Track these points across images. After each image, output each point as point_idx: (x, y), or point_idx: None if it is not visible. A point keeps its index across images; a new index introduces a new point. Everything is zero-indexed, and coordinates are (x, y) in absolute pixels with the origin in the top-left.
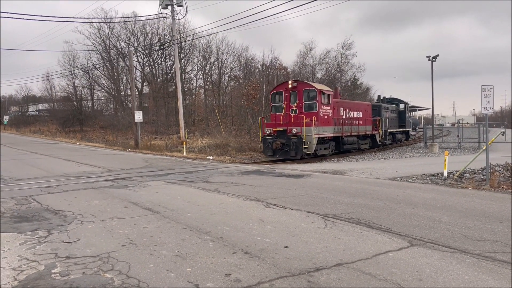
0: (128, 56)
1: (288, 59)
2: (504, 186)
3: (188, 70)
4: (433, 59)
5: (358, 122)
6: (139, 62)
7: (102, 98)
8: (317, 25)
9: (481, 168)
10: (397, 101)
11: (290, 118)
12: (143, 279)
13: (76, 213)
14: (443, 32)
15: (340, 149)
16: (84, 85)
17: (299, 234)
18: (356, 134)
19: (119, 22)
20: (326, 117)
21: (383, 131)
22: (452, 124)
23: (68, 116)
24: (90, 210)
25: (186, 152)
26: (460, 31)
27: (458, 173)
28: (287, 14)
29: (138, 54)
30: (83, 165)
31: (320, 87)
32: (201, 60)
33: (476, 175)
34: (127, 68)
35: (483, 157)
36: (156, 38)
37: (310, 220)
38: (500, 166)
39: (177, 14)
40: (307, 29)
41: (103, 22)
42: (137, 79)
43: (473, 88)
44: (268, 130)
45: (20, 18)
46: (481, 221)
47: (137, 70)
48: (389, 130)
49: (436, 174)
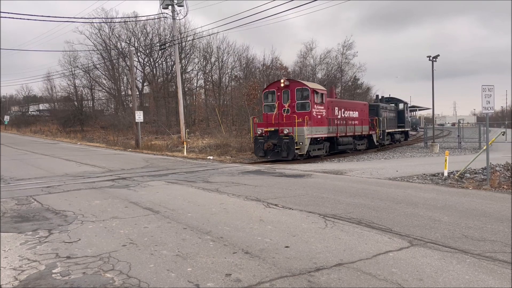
0: (129, 56)
1: (289, 59)
2: (505, 186)
3: (189, 70)
4: (434, 59)
5: (354, 122)
6: (140, 62)
7: (103, 98)
8: (318, 25)
9: (482, 168)
10: (396, 101)
11: (282, 118)
12: (144, 279)
13: (77, 213)
14: (444, 32)
15: (335, 150)
16: (85, 85)
17: (300, 234)
18: (352, 135)
19: (120, 22)
20: (320, 117)
21: (381, 131)
22: (453, 124)
23: (69, 116)
24: (91, 210)
25: (187, 152)
26: (461, 31)
27: (459, 173)
28: (288, 14)
29: (139, 54)
30: (84, 165)
31: (313, 86)
32: (202, 60)
33: (477, 175)
34: (128, 68)
35: (484, 157)
36: (157, 38)
37: (311, 220)
38: (501, 166)
39: (178, 14)
40: (308, 29)
41: (104, 22)
42: (138, 79)
43: (474, 88)
44: (260, 130)
45: (21, 18)
46: (482, 221)
47: (138, 70)
48: (387, 130)
49: (437, 174)
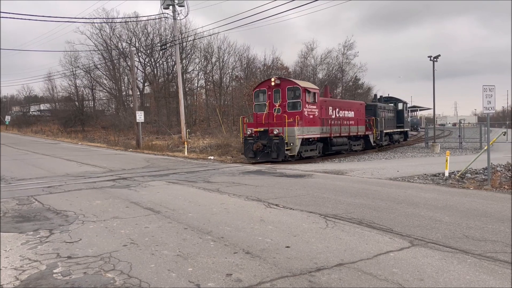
0: (130, 56)
1: (290, 59)
2: (506, 186)
3: (190, 70)
4: (435, 59)
5: (350, 122)
6: (141, 62)
7: (104, 98)
8: (319, 25)
9: (483, 168)
10: (395, 100)
11: (273, 118)
12: (145, 279)
13: (78, 213)
14: (444, 32)
15: (329, 151)
16: (86, 85)
17: (300, 234)
18: (347, 135)
19: (121, 23)
20: (312, 117)
21: (379, 132)
22: (454, 124)
23: (70, 116)
24: (92, 210)
25: (188, 152)
26: (461, 31)
27: (460, 173)
28: (289, 14)
29: (140, 54)
30: (85, 165)
31: (305, 85)
32: (203, 60)
33: (478, 175)
34: (129, 68)
35: (485, 157)
36: (158, 38)
37: (311, 220)
38: (502, 166)
39: (179, 14)
40: (309, 29)
41: (105, 23)
42: (139, 79)
43: (475, 88)
44: (249, 131)
45: (21, 19)
46: (483, 221)
47: (139, 70)
48: (386, 131)
49: (438, 174)
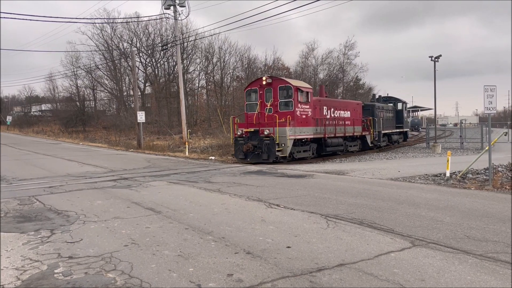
0: (131, 57)
1: (291, 59)
2: (507, 187)
3: (191, 71)
4: (436, 59)
5: (345, 123)
6: (142, 63)
7: (105, 99)
8: (320, 25)
9: (484, 169)
10: (394, 100)
11: (264, 118)
12: (146, 279)
13: (79, 213)
14: (445, 32)
15: (323, 152)
16: (87, 86)
17: (301, 235)
18: (342, 135)
19: (122, 23)
20: (305, 117)
21: (376, 132)
22: (455, 124)
23: (71, 117)
24: (93, 210)
25: (189, 153)
26: (461, 31)
27: (461, 174)
28: (290, 14)
29: (141, 55)
30: (86, 165)
31: (297, 84)
32: (204, 61)
33: (479, 176)
34: (130, 69)
35: (486, 158)
36: (159, 39)
37: (312, 221)
38: (503, 167)
39: (180, 15)
40: (309, 29)
41: (106, 23)
42: (140, 80)
43: (475, 88)
44: (240, 131)
45: (22, 19)
46: (484, 222)
47: (140, 71)
48: (384, 131)
49: (439, 175)
